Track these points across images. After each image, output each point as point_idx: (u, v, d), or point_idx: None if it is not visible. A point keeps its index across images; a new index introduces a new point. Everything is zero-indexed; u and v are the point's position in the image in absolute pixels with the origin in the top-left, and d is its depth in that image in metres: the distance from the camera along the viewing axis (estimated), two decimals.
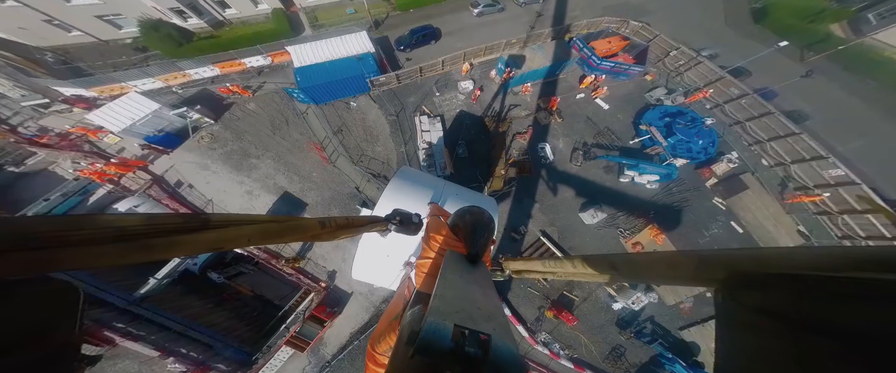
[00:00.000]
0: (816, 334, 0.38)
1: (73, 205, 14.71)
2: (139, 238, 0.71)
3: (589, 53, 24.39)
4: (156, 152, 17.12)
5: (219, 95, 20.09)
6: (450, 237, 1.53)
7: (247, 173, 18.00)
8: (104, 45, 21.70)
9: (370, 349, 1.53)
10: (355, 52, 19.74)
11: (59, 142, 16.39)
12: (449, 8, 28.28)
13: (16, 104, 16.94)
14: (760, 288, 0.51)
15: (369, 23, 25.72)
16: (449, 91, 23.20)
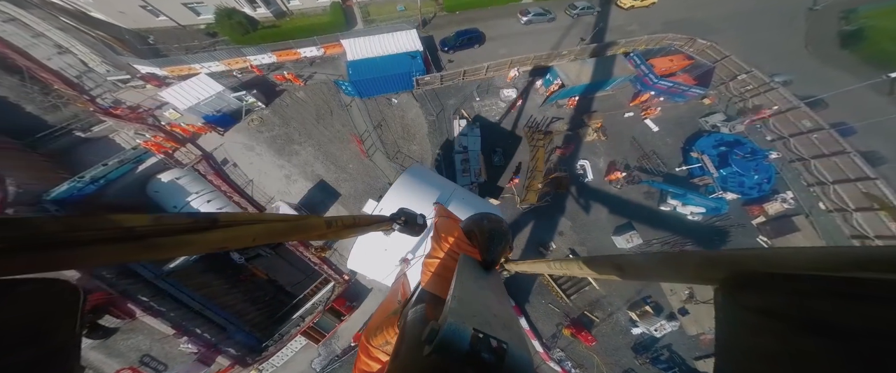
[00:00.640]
0: (816, 334, 0.37)
1: (126, 172, 15.44)
2: (147, 237, 0.70)
3: (646, 71, 22.51)
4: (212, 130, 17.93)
5: (273, 82, 20.74)
6: (462, 241, 1.47)
7: (288, 158, 18.36)
8: (181, 29, 23.23)
9: (364, 342, 1.44)
10: (405, 49, 19.54)
11: (129, 114, 17.46)
12: (496, 13, 27.42)
13: (100, 78, 18.35)
14: (761, 287, 0.49)
15: (417, 21, 25.52)
16: (490, 97, 22.38)
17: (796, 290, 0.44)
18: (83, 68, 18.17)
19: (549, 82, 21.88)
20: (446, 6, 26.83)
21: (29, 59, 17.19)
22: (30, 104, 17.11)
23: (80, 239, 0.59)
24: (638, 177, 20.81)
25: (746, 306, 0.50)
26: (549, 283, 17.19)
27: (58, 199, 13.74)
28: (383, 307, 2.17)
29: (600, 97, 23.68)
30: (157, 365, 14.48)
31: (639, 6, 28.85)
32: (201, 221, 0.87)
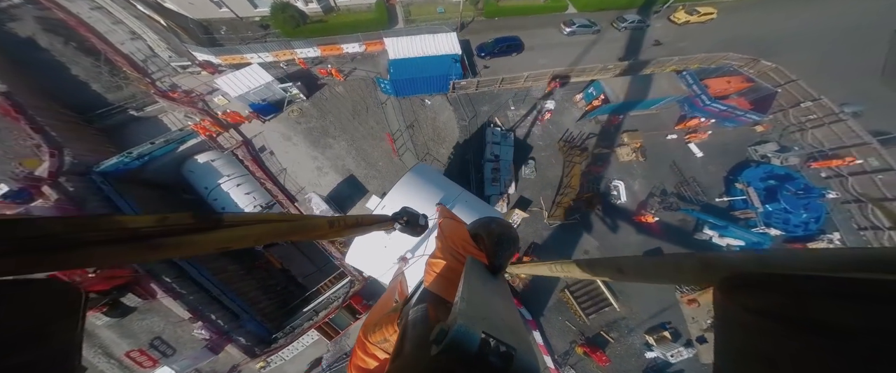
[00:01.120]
0: (815, 334, 0.36)
1: (169, 150, 16.09)
2: (150, 238, 0.70)
3: (699, 91, 20.88)
4: (255, 118, 18.54)
5: (315, 75, 21.15)
6: (468, 243, 1.42)
7: (321, 150, 18.60)
8: (238, 20, 24.26)
9: (362, 338, 1.37)
10: (444, 51, 19.27)
11: (184, 98, 18.13)
12: (537, 22, 26.54)
13: (163, 63, 19.44)
14: (759, 288, 0.48)
15: (456, 24, 25.22)
16: (526, 107, 21.67)
17: (795, 290, 0.43)
18: (149, 53, 19.34)
19: (591, 97, 20.83)
20: (486, 12, 26.31)
21: (107, 43, 18.51)
22: (96, 83, 18.40)
23: (84, 240, 0.58)
24: (675, 204, 19.39)
25: (745, 306, 0.48)
26: (569, 300, 16.52)
27: (105, 171, 14.46)
28: (381, 304, 2.13)
29: (643, 116, 22.29)
30: (166, 349, 14.31)
31: (694, 21, 26.98)
32: (206, 221, 0.86)
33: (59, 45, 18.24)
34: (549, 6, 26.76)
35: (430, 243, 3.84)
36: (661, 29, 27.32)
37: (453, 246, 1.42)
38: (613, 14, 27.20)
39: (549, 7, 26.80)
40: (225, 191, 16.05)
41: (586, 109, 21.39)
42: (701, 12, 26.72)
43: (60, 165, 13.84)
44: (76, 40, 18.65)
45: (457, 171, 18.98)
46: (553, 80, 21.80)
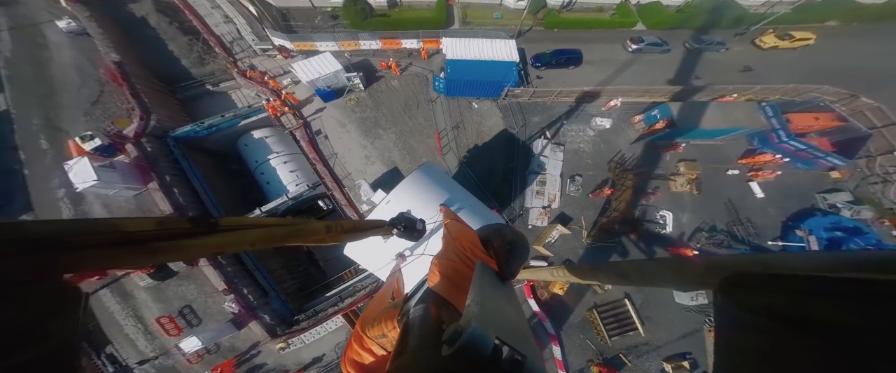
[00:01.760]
0: (814, 333, 0.37)
1: (233, 124, 16.97)
2: (147, 242, 0.70)
3: (778, 126, 18.65)
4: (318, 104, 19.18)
5: (374, 67, 21.54)
6: (478, 248, 1.40)
7: (371, 140, 18.90)
8: (313, 10, 25.27)
9: (359, 331, 1.35)
10: (501, 57, 18.75)
11: (259, 78, 18.93)
12: (600, 36, 25.07)
13: (245, 45, 20.71)
14: (758, 288, 0.49)
15: (513, 32, 24.50)
16: (579, 123, 20.58)
17: (794, 290, 0.43)
18: (237, 36, 20.75)
19: (654, 119, 19.33)
20: (546, 22, 25.28)
21: (204, 24, 20.12)
22: (185, 59, 20.03)
23: (83, 243, 0.58)
24: (726, 242, 17.60)
25: (745, 305, 0.48)
26: (594, 319, 15.87)
27: (178, 136, 15.68)
28: (378, 299, 2.12)
29: (705, 146, 20.38)
30: (193, 319, 14.33)
31: (785, 47, 24.03)
32: (203, 225, 0.84)
33: (165, 24, 20.17)
34: (617, 21, 25.20)
35: (430, 242, 3.70)
36: (742, 53, 24.78)
37: (461, 249, 1.37)
38: (686, 34, 25.07)
39: (617, 22, 25.24)
40: (272, 166, 16.73)
41: (645, 131, 19.90)
42: (796, 37, 23.67)
43: (145, 128, 15.21)
44: (179, 21, 20.51)
45: (499, 178, 18.47)
46: (616, 98, 20.49)
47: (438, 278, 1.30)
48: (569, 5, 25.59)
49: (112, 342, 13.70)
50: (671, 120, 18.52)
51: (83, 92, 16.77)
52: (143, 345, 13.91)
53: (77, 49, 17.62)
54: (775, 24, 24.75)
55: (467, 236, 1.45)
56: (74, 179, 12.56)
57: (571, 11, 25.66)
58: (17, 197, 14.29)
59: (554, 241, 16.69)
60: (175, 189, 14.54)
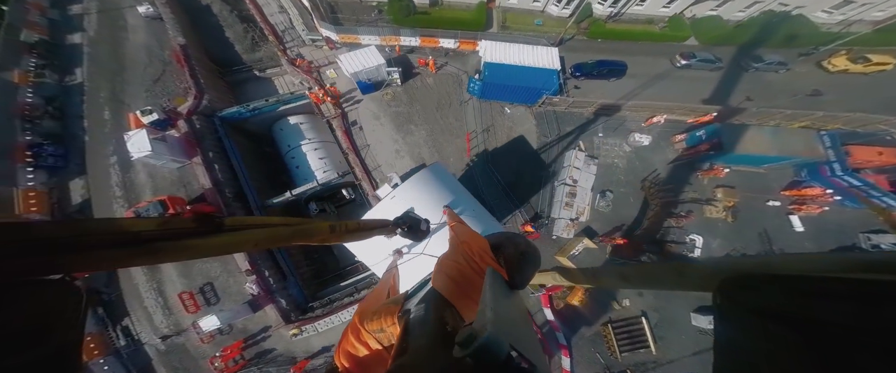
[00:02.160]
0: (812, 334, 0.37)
1: (274, 108, 17.44)
2: (151, 242, 0.70)
3: (834, 158, 16.94)
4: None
5: (411, 63, 21.62)
6: (487, 254, 1.35)
7: (403, 135, 18.99)
8: (360, 3, 25.75)
9: (357, 323, 1.31)
10: (542, 64, 18.21)
11: (306, 66, 19.54)
12: (646, 49, 23.75)
13: (295, 34, 21.46)
14: (758, 289, 0.49)
15: (554, 39, 23.73)
16: (616, 137, 19.64)
17: (794, 290, 0.43)
18: (288, 25, 21.57)
19: (698, 140, 18.12)
20: (591, 32, 24.23)
21: (261, 13, 21.08)
22: (239, 45, 21.09)
23: (86, 243, 0.58)
24: None
25: (745, 306, 0.48)
26: (607, 334, 15.41)
27: (224, 116, 16.43)
28: (376, 293, 2.10)
29: (748, 173, 18.91)
30: (212, 297, 14.40)
31: (855, 71, 21.69)
32: (208, 225, 0.84)
33: (226, 12, 21.33)
34: (667, 34, 23.78)
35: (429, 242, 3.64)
36: (806, 75, 22.70)
37: (469, 253, 1.34)
38: (743, 51, 23.24)
39: (667, 35, 23.82)
40: (303, 152, 17.15)
41: (686, 152, 18.67)
42: (872, 61, 21.28)
43: (197, 107, 16.13)
44: (238, 9, 21.65)
45: (527, 185, 17.99)
46: (660, 114, 19.34)
47: (443, 279, 1.29)
48: (616, 16, 24.40)
49: (130, 314, 13.99)
50: (717, 142, 17.22)
51: (148, 70, 18.03)
52: (159, 320, 14.07)
53: (150, 32, 19.06)
54: (851, 45, 22.34)
55: (477, 241, 1.43)
56: (131, 148, 13.49)
57: (618, 22, 24.47)
58: (74, 160, 15.48)
59: (578, 253, 16.14)
60: (216, 165, 15.28)
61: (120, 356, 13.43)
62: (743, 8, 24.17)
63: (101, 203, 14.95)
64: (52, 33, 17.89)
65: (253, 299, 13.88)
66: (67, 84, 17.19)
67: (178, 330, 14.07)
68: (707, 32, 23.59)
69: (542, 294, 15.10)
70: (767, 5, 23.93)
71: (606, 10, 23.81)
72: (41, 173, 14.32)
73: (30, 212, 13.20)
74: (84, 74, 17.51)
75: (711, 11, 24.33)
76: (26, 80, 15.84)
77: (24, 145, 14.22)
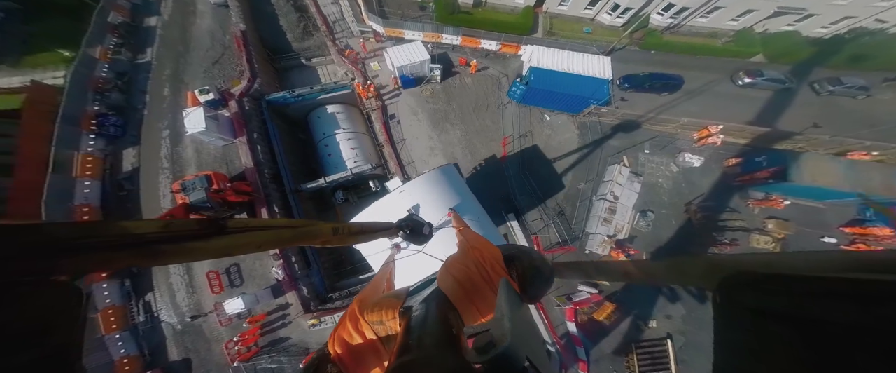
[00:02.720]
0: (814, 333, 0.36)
1: (315, 96, 17.74)
2: (153, 244, 0.71)
3: None
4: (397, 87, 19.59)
5: (451, 62, 21.31)
6: (499, 264, 1.33)
7: (438, 133, 18.66)
8: None
9: (357, 312, 1.27)
10: (592, 73, 17.15)
11: (354, 57, 19.76)
12: (704, 64, 21.90)
13: (345, 25, 21.93)
14: (758, 288, 0.49)
15: (603, 48, 22.45)
16: (662, 155, 18.18)
17: (794, 290, 0.42)
18: (339, 17, 22.16)
19: (757, 166, 16.40)
20: (646, 43, 22.70)
21: (315, 3, 21.82)
22: (290, 34, 21.77)
23: (89, 245, 0.59)
24: None
25: (745, 305, 0.48)
26: (630, 353, 14.51)
27: (270, 100, 16.90)
28: (375, 284, 1.98)
29: (805, 206, 16.91)
30: (237, 279, 14.36)
31: None
32: (210, 227, 0.84)
33: (282, 1, 22.17)
34: (731, 49, 21.81)
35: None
36: (890, 102, 19.88)
37: (481, 260, 1.31)
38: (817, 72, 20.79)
39: (731, 50, 21.84)
40: (337, 141, 17.26)
41: (741, 178, 16.89)
42: None
43: (249, 89, 16.75)
44: None
45: (562, 197, 17.03)
46: (717, 134, 17.63)
47: (451, 282, 1.27)
48: (675, 27, 22.71)
49: (155, 289, 14.06)
50: (780, 171, 15.35)
51: (209, 53, 19.03)
52: (181, 298, 13.94)
53: (215, 17, 20.17)
54: None
55: (489, 249, 1.39)
56: (187, 124, 14.12)
57: (676, 34, 22.77)
58: (131, 131, 16.44)
59: None
60: (258, 146, 15.72)
61: (136, 332, 13.29)
62: (828, 24, 21.66)
63: (148, 173, 15.63)
64: (134, 16, 19.48)
65: (277, 283, 13.81)
66: (138, 62, 18.54)
67: (198, 310, 13.78)
68: (778, 49, 21.37)
69: (569, 308, 14.20)
70: (859, 21, 21.21)
71: (665, 21, 22.22)
72: (100, 141, 15.28)
73: (85, 175, 14.01)
74: (153, 54, 18.80)
75: (788, 27, 22.04)
76: (106, 56, 17.25)
77: (91, 114, 15.28)
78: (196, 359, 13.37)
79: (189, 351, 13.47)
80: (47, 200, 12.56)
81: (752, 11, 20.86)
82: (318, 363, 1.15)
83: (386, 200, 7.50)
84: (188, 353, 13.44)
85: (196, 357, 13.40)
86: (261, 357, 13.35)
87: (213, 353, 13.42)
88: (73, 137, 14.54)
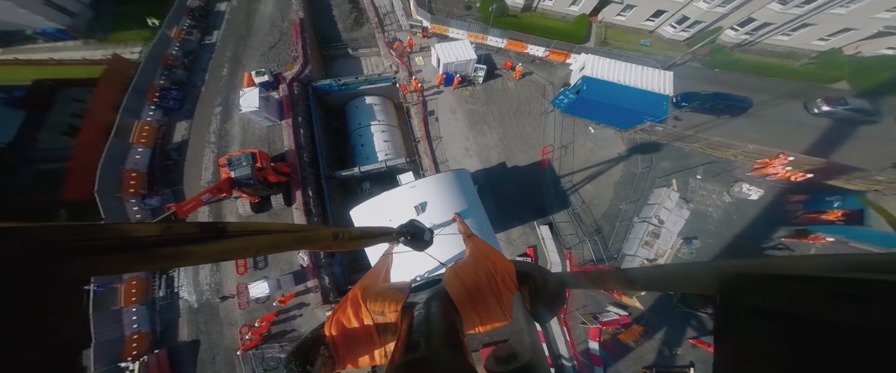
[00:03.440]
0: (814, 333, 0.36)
1: (357, 86, 17.98)
2: (151, 247, 0.71)
3: None
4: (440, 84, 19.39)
5: (494, 64, 20.73)
6: (510, 279, 1.29)
7: (474, 135, 18.15)
8: None
9: (359, 299, 1.25)
10: (651, 88, 15.86)
11: (401, 50, 20.12)
12: (775, 86, 19.75)
13: (394, 18, 22.32)
14: (759, 289, 0.48)
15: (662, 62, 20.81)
16: (716, 183, 16.52)
17: (795, 291, 0.42)
18: (389, 10, 22.52)
19: (827, 206, 14.48)
20: (712, 61, 20.77)
21: None
22: (341, 24, 22.26)
23: (89, 247, 0.59)
24: None
25: (746, 307, 0.48)
26: None
27: (316, 86, 17.29)
28: (374, 272, 1.90)
29: (857, 248, 14.42)
30: (261, 261, 14.19)
31: None
32: (210, 231, 0.85)
33: None
34: (811, 72, 19.49)
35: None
36: None
37: (493, 271, 1.29)
38: None
39: (810, 73, 19.51)
40: (371, 132, 17.26)
41: (804, 216, 14.86)
42: None
43: (300, 75, 17.14)
44: None
45: (600, 214, 15.89)
46: (772, 165, 15.72)
47: (459, 287, 1.25)
48: (748, 44, 20.63)
49: None
50: (854, 213, 13.30)
51: (267, 38, 19.81)
52: (204, 275, 13.76)
53: (276, 4, 21.02)
54: None
55: (502, 262, 1.35)
56: (243, 103, 14.63)
57: (748, 52, 20.68)
58: (187, 105, 17.29)
59: (644, 293, 13.77)
60: (301, 130, 16.01)
61: (153, 307, 12.99)
62: None
63: (195, 145, 16.23)
64: (208, 1, 20.87)
65: (301, 269, 13.54)
66: (204, 43, 19.70)
67: (219, 289, 13.41)
68: (870, 77, 18.67)
69: (594, 327, 13.29)
70: None
71: (739, 38, 20.22)
72: (158, 112, 16.17)
73: (139, 142, 14.75)
74: (218, 36, 19.89)
75: (890, 50, 19.08)
76: (180, 36, 18.52)
77: (156, 87, 16.31)
78: (206, 341, 12.75)
79: (200, 332, 12.88)
80: (104, 163, 13.14)
81: (849, 30, 18.32)
82: (313, 343, 1.13)
83: (396, 191, 7.49)
84: (199, 334, 12.84)
85: (206, 339, 12.78)
86: (271, 345, 12.71)
87: (225, 337, 12.81)
88: (137, 107, 15.55)
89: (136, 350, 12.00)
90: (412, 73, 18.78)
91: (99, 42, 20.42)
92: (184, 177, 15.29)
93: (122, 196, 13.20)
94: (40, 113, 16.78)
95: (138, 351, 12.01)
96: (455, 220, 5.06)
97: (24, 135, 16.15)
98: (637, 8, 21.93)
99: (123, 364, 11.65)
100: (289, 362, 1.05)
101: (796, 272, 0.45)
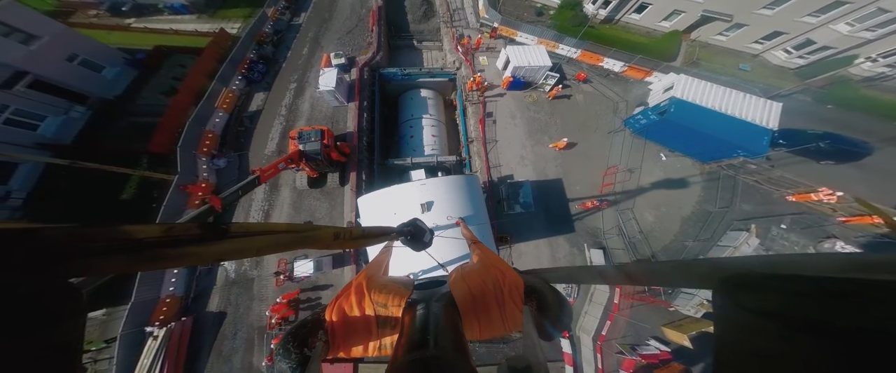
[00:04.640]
0: (814, 333, 0.36)
1: (417, 78, 17.99)
2: (153, 248, 0.71)
3: None
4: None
5: (564, 75, 19.56)
6: (518, 292, 1.26)
7: (532, 143, 17.29)
8: (524, 0, 24.80)
9: (364, 287, 1.23)
10: (750, 117, 13.75)
11: (468, 47, 20.23)
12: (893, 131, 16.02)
13: (463, 15, 22.10)
14: (758, 288, 0.47)
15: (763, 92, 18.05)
16: (803, 236, 14.13)
17: (795, 290, 0.41)
18: (458, 6, 22.37)
19: None
20: (832, 95, 17.54)
21: None
22: (410, 15, 22.56)
23: (90, 249, 0.60)
24: None
25: (745, 305, 0.47)
26: None
27: (382, 73, 17.72)
28: (377, 262, 1.95)
29: None
30: None
31: None
32: (212, 232, 0.84)
33: None
34: None
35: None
36: None
37: (501, 282, 1.27)
38: None
39: None
40: (421, 125, 17.17)
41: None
42: None
43: (372, 60, 17.59)
44: None
45: (660, 247, 14.28)
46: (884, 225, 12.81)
47: (465, 291, 1.24)
48: (884, 79, 17.17)
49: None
50: None
51: (346, 23, 20.76)
52: None
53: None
54: None
55: (510, 274, 1.31)
56: (321, 82, 15.39)
57: (878, 88, 17.25)
58: (267, 79, 18.40)
59: (696, 334, 12.28)
60: (364, 114, 16.40)
61: (193, 272, 12.70)
62: None
63: (267, 116, 17.08)
64: None
65: (343, 252, 12.81)
66: (293, 23, 21.15)
67: (257, 263, 13.07)
68: None
69: (630, 359, 12.21)
70: None
71: (875, 70, 16.87)
72: (242, 82, 17.43)
73: (222, 107, 15.81)
74: (305, 18, 21.23)
75: None
76: (275, 15, 20.13)
77: (246, 60, 17.69)
78: (232, 315, 12.17)
79: (229, 304, 12.32)
80: (191, 122, 14.24)
81: None
82: (312, 327, 1.10)
83: (404, 186, 7.60)
84: (227, 307, 12.29)
85: (233, 313, 12.19)
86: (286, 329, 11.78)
87: (252, 312, 12.20)
88: (228, 76, 16.93)
89: (164, 315, 11.46)
90: (475, 72, 18.37)
91: (209, 17, 22.90)
92: (251, 143, 16.18)
93: (196, 153, 14.24)
94: (149, 74, 19.07)
95: (166, 317, 11.46)
96: (459, 224, 5.05)
97: (130, 91, 18.31)
98: (748, 28, 19.24)
99: (149, 329, 11.04)
100: (287, 343, 1.01)
101: (797, 272, 0.44)
